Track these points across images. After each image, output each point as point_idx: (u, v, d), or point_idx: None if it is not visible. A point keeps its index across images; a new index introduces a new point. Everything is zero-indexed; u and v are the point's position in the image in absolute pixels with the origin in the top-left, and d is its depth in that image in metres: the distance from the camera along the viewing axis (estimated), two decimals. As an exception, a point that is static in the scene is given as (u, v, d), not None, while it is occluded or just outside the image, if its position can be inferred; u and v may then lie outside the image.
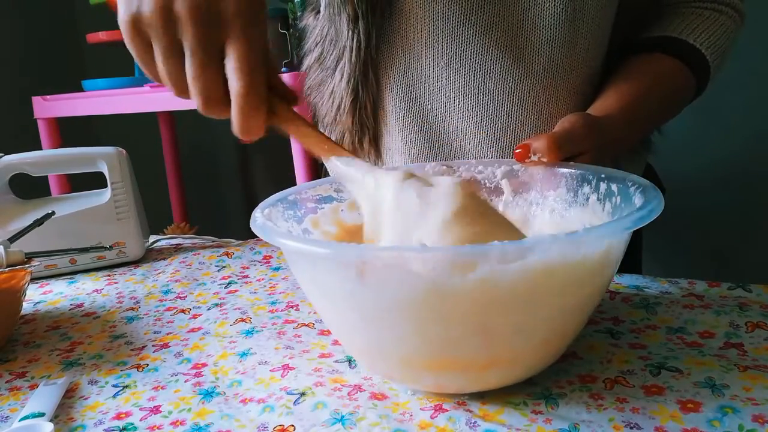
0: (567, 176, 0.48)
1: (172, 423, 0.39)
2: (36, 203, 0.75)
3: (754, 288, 0.52)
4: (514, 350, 0.37)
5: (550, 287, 0.35)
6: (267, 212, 0.44)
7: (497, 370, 0.38)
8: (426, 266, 0.34)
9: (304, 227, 0.49)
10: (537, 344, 0.38)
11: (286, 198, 0.49)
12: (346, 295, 0.36)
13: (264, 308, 0.58)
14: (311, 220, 0.50)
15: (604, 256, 0.36)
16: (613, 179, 0.44)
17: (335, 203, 0.52)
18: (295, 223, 0.48)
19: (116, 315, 0.59)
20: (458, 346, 0.36)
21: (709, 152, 1.31)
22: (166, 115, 1.85)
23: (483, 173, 0.52)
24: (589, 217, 0.46)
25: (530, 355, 0.38)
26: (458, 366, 0.37)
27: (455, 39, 0.58)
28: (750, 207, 1.32)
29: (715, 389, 0.38)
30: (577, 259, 0.34)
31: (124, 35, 0.40)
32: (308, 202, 0.50)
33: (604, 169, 0.46)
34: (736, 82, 1.24)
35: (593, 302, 0.39)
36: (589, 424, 0.36)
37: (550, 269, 0.33)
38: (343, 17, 0.59)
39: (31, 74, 1.95)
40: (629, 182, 0.42)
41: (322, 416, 0.39)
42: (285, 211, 0.48)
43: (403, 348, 0.37)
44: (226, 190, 2.08)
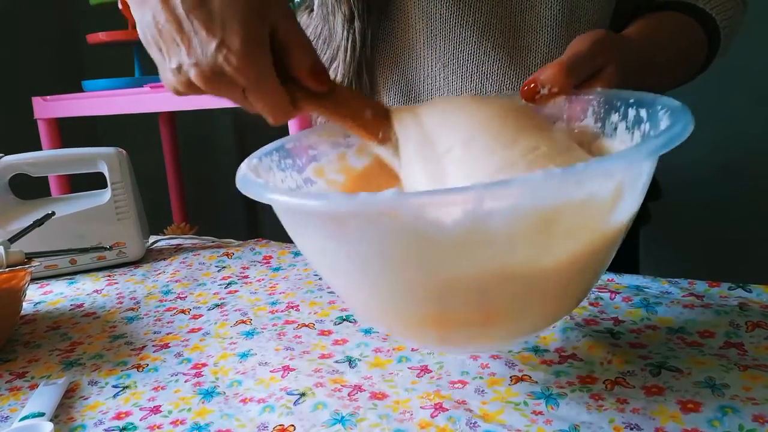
0: (593, 104, 0.42)
1: (172, 423, 0.39)
2: (36, 203, 0.75)
3: (754, 288, 0.52)
4: (512, 304, 0.34)
5: (549, 233, 0.30)
6: (255, 163, 0.41)
7: (498, 325, 0.35)
8: (399, 216, 0.30)
9: (306, 177, 0.45)
10: (537, 298, 0.34)
11: (283, 146, 0.45)
12: (329, 251, 0.35)
13: (264, 309, 0.58)
14: (314, 169, 0.46)
15: (617, 194, 0.31)
16: (642, 104, 0.38)
17: (342, 149, 0.47)
18: (295, 172, 0.44)
19: (116, 315, 0.59)
20: (450, 301, 0.33)
21: (709, 152, 1.31)
22: (166, 115, 1.85)
23: None
24: (617, 148, 0.41)
25: (531, 310, 0.35)
26: (457, 322, 0.35)
27: (452, 40, 0.58)
28: (750, 207, 1.32)
29: (715, 389, 0.38)
30: (582, 199, 0.30)
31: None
32: (310, 150, 0.46)
33: (633, 93, 0.40)
34: (736, 80, 1.25)
35: (606, 250, 0.35)
36: (589, 425, 0.36)
37: (546, 213, 0.29)
38: (338, 17, 0.59)
39: (31, 74, 1.95)
40: (659, 106, 0.36)
41: (322, 417, 0.39)
42: (282, 160, 0.44)
43: (398, 303, 0.35)
44: (226, 190, 2.08)
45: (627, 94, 0.40)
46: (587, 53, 0.44)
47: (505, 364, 0.43)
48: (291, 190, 0.34)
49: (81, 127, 1.78)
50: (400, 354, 0.46)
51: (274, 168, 0.43)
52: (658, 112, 0.36)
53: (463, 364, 0.44)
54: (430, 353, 0.46)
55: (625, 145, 0.40)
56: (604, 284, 0.56)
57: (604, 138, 0.42)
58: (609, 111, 0.41)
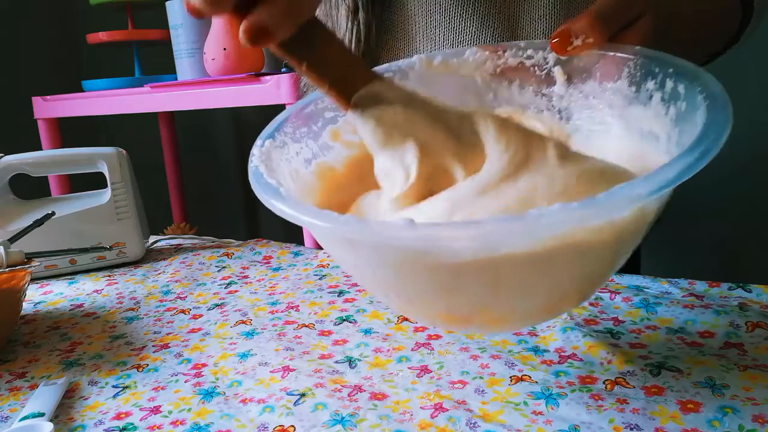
0: (630, 65, 0.38)
1: (172, 423, 0.39)
2: (36, 203, 0.75)
3: (754, 288, 0.52)
4: (524, 311, 0.34)
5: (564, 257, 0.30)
6: (267, 146, 0.39)
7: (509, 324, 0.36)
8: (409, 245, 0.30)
9: (323, 142, 0.43)
10: (553, 303, 0.34)
11: (301, 111, 0.42)
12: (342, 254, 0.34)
13: (264, 309, 0.58)
14: (331, 132, 0.44)
15: (640, 214, 0.30)
16: (682, 76, 0.35)
17: None
18: (311, 140, 0.42)
19: (116, 315, 0.59)
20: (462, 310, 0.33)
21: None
22: (166, 115, 1.85)
23: (532, 59, 0.43)
24: (649, 122, 0.37)
25: (544, 313, 0.36)
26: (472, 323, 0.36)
27: (452, 30, 0.58)
28: (750, 207, 1.32)
29: (715, 389, 0.38)
30: (601, 224, 0.29)
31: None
32: (327, 112, 0.43)
33: (674, 60, 0.36)
34: (736, 80, 1.24)
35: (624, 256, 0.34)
36: (589, 425, 0.36)
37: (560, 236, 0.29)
38: (341, 9, 0.60)
39: (31, 74, 1.95)
40: (698, 85, 0.33)
41: (322, 417, 0.39)
42: (297, 129, 0.42)
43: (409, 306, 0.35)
44: (226, 190, 2.08)
45: (666, 59, 0.36)
46: (622, 1, 0.39)
47: (505, 364, 0.43)
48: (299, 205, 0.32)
49: (81, 127, 1.78)
50: (400, 354, 0.46)
51: (289, 141, 0.41)
52: (697, 94, 0.33)
53: (463, 364, 0.44)
54: (429, 353, 0.46)
55: (659, 119, 0.36)
56: (604, 284, 0.56)
57: (638, 105, 0.38)
58: (645, 76, 0.37)
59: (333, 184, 0.43)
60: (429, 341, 0.48)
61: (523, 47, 0.43)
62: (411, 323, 0.51)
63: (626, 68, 0.38)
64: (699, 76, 0.34)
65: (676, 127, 0.35)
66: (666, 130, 0.36)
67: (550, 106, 0.43)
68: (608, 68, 0.39)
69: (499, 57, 0.44)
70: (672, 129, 0.35)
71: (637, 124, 0.38)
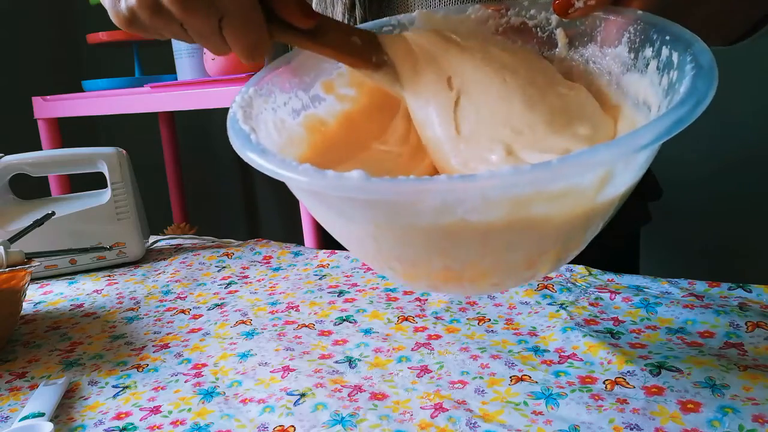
0: (630, 31, 0.37)
1: (172, 423, 0.39)
2: (36, 203, 0.75)
3: (754, 288, 0.52)
4: (507, 268, 0.34)
5: (523, 215, 0.29)
6: (251, 93, 0.39)
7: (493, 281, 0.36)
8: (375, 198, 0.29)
9: (314, 94, 0.42)
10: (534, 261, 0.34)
11: (289, 62, 0.41)
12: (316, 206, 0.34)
13: (264, 309, 0.58)
14: (323, 84, 0.43)
15: (604, 180, 0.30)
16: (677, 44, 0.34)
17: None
18: (301, 91, 0.42)
19: (116, 315, 0.59)
20: (435, 266, 0.33)
21: (710, 151, 1.31)
22: (166, 115, 1.85)
23: (535, 19, 0.42)
24: (644, 89, 0.36)
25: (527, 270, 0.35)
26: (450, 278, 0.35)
27: None
28: (750, 207, 1.32)
29: (715, 389, 0.38)
30: (560, 189, 0.29)
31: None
32: (323, 63, 0.42)
33: (672, 27, 0.35)
34: (736, 79, 1.24)
35: (594, 219, 0.33)
36: (589, 425, 0.36)
37: (518, 199, 0.28)
38: (338, 7, 0.60)
39: (31, 74, 1.95)
40: (689, 55, 0.32)
41: (322, 417, 0.39)
42: (287, 80, 0.41)
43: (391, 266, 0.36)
44: (226, 190, 2.08)
45: (665, 26, 0.35)
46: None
47: (505, 364, 0.43)
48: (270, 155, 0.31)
49: (81, 127, 1.78)
50: (400, 354, 0.46)
51: (276, 90, 0.40)
52: (687, 63, 0.32)
53: (463, 364, 0.44)
54: (429, 353, 0.46)
55: (653, 89, 0.35)
56: (604, 284, 0.56)
57: (635, 72, 0.37)
58: (644, 43, 0.36)
59: (325, 140, 0.42)
60: (429, 341, 0.48)
61: (527, 6, 0.42)
62: (411, 323, 0.51)
63: (626, 33, 0.37)
64: (692, 44, 0.33)
65: (666, 98, 0.34)
66: (657, 101, 0.35)
67: None
68: (609, 32, 0.38)
69: (502, 16, 0.42)
70: (663, 100, 0.34)
71: (633, 93, 0.37)
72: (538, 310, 0.52)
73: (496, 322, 0.50)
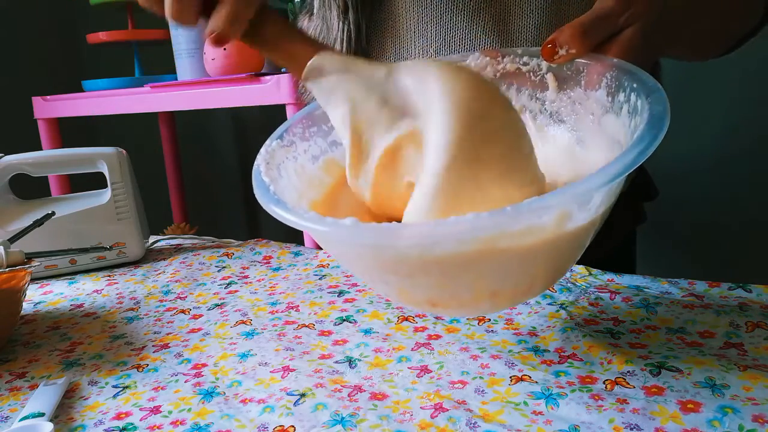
0: (608, 76, 0.41)
1: (172, 423, 0.39)
2: (36, 203, 0.75)
3: (754, 288, 0.52)
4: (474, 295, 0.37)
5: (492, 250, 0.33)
6: (275, 146, 0.44)
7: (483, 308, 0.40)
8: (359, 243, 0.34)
9: (332, 139, 0.47)
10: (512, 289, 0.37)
11: (313, 113, 0.46)
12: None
13: (264, 309, 0.58)
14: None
15: (561, 219, 0.33)
16: (642, 92, 0.37)
17: None
18: (320, 138, 0.47)
19: (116, 315, 0.59)
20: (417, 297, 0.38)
21: (707, 150, 1.31)
22: (166, 115, 1.85)
23: (528, 65, 0.46)
24: (618, 130, 0.40)
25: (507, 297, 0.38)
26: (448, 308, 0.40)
27: (443, 25, 0.59)
28: (749, 207, 1.32)
29: (715, 389, 0.38)
30: (521, 229, 0.33)
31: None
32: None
33: (640, 74, 0.39)
34: (736, 80, 1.24)
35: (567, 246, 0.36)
36: (589, 425, 0.36)
37: (487, 239, 0.32)
38: (333, 10, 0.60)
39: (31, 74, 1.95)
40: (647, 103, 0.36)
41: (322, 417, 0.39)
42: (306, 129, 0.46)
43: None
44: (226, 190, 2.08)
45: (634, 73, 0.39)
46: (607, 12, 0.41)
47: (505, 364, 0.43)
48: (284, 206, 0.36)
49: (81, 127, 1.78)
50: (400, 354, 0.46)
51: (297, 140, 0.46)
52: (645, 110, 0.36)
53: (463, 364, 0.44)
54: (429, 353, 0.46)
55: (625, 130, 0.39)
56: (604, 284, 0.56)
57: (612, 114, 0.41)
58: (618, 88, 0.40)
59: (343, 177, 0.46)
60: (429, 341, 0.48)
61: (520, 54, 0.46)
62: (411, 323, 0.51)
63: (604, 79, 0.41)
64: (651, 93, 0.36)
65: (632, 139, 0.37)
66: (627, 141, 0.38)
67: (543, 109, 0.46)
68: (591, 77, 0.42)
69: (498, 62, 0.47)
70: (630, 140, 0.37)
71: (610, 133, 0.41)
72: (538, 310, 0.52)
73: (496, 322, 0.50)
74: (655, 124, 0.33)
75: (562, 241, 0.35)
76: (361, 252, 0.36)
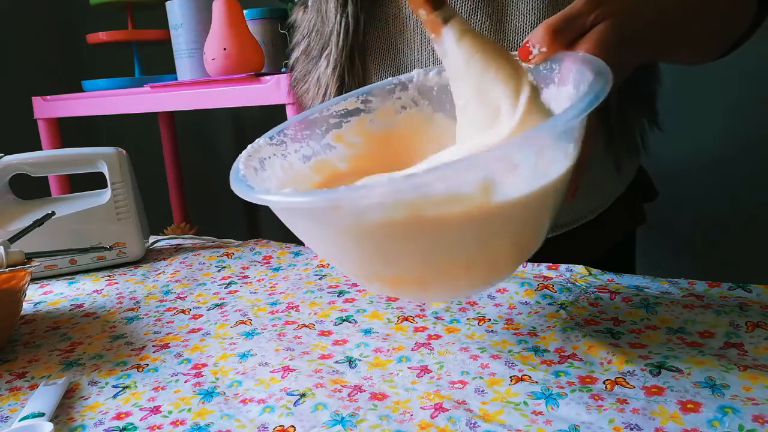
0: (573, 71, 0.42)
1: (172, 423, 0.39)
2: (36, 203, 0.75)
3: (754, 288, 0.52)
4: (423, 270, 0.38)
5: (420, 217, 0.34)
6: (262, 142, 0.46)
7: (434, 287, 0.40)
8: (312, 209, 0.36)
9: (326, 143, 0.49)
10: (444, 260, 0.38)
11: (306, 118, 0.49)
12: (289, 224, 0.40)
13: (264, 309, 0.58)
14: (334, 135, 0.50)
15: (485, 186, 0.34)
16: (594, 73, 0.37)
17: (363, 115, 0.51)
18: (313, 141, 0.49)
19: (116, 315, 0.59)
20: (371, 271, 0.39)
21: (706, 151, 1.31)
22: (166, 115, 1.85)
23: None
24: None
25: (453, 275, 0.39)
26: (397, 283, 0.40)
27: None
28: (749, 207, 1.32)
29: (715, 389, 0.38)
30: (444, 194, 0.33)
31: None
32: (331, 119, 0.50)
33: (596, 62, 0.39)
34: (736, 80, 1.24)
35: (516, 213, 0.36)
36: (589, 425, 0.36)
37: (412, 203, 0.33)
38: (330, 3, 0.60)
39: (31, 74, 1.95)
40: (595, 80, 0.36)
41: (322, 417, 0.39)
42: (299, 132, 0.48)
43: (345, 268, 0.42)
44: (226, 190, 2.08)
45: (590, 61, 0.39)
46: (578, 11, 0.43)
47: (505, 364, 0.43)
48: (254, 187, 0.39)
49: (81, 127, 1.79)
50: (400, 354, 0.46)
51: (288, 141, 0.47)
52: (586, 84, 0.36)
53: (463, 364, 0.44)
54: (429, 353, 0.46)
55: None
56: (604, 284, 0.56)
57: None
58: (581, 80, 0.40)
59: (333, 176, 0.48)
60: (429, 341, 0.48)
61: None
62: (411, 323, 0.51)
63: (571, 74, 0.42)
64: (599, 77, 0.36)
65: None
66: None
67: None
68: (563, 74, 0.43)
69: None
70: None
71: None
72: (538, 310, 0.52)
73: (496, 322, 0.50)
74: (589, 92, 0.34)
75: (492, 214, 0.35)
76: (308, 221, 0.38)
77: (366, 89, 0.51)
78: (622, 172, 0.69)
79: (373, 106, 0.52)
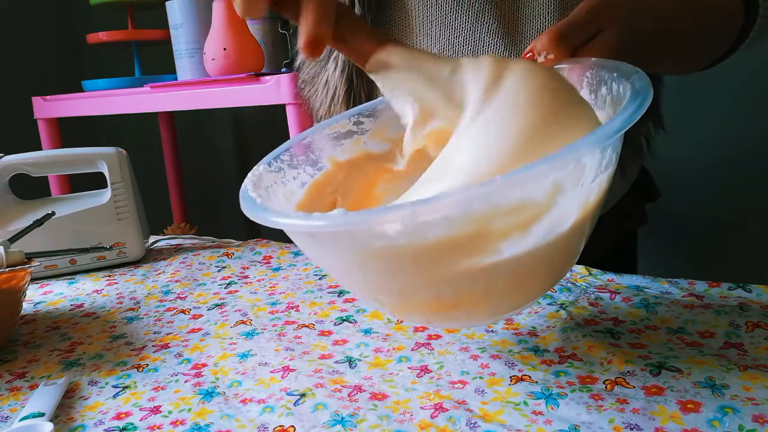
0: (588, 75, 0.42)
1: (172, 423, 0.39)
2: (36, 203, 0.75)
3: (754, 288, 0.52)
4: (470, 296, 0.36)
5: (486, 235, 0.32)
6: (261, 170, 0.44)
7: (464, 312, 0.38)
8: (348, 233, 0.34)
9: (321, 166, 0.48)
10: (496, 289, 0.36)
11: (300, 142, 0.48)
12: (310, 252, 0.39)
13: (264, 309, 0.58)
14: (329, 159, 0.49)
15: (554, 192, 0.32)
16: (622, 77, 0.37)
17: (356, 137, 0.50)
18: (309, 166, 0.48)
19: (116, 315, 0.59)
20: (410, 296, 0.37)
21: (707, 151, 1.31)
22: (166, 115, 1.85)
23: None
24: (605, 120, 0.40)
25: (495, 299, 0.37)
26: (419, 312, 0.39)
27: (447, 25, 0.59)
28: (750, 207, 1.32)
29: (715, 389, 0.38)
30: (514, 203, 0.31)
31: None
32: (325, 141, 0.49)
33: (618, 65, 0.39)
34: (736, 81, 1.24)
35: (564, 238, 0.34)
36: (589, 425, 0.36)
37: (479, 217, 0.31)
38: None
39: (31, 74, 1.95)
40: (629, 82, 0.36)
41: (322, 417, 0.39)
42: (294, 158, 0.47)
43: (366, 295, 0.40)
44: (226, 190, 2.08)
45: (612, 65, 0.39)
46: (582, 18, 0.43)
47: (505, 364, 0.43)
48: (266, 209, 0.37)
49: (81, 127, 1.78)
50: (400, 354, 0.46)
51: (285, 167, 0.46)
52: (628, 90, 0.35)
53: (463, 364, 0.44)
54: (429, 353, 0.46)
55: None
56: (604, 284, 0.56)
57: (597, 110, 0.41)
58: (600, 83, 0.41)
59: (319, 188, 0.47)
60: (429, 341, 0.48)
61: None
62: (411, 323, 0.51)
63: (585, 78, 0.42)
64: (632, 74, 0.36)
65: None
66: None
67: None
68: (572, 80, 0.42)
69: None
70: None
71: None
72: (538, 310, 0.52)
73: (496, 322, 0.50)
74: (632, 99, 0.33)
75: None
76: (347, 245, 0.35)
77: (358, 109, 0.50)
78: (626, 174, 0.69)
79: (366, 127, 0.50)
